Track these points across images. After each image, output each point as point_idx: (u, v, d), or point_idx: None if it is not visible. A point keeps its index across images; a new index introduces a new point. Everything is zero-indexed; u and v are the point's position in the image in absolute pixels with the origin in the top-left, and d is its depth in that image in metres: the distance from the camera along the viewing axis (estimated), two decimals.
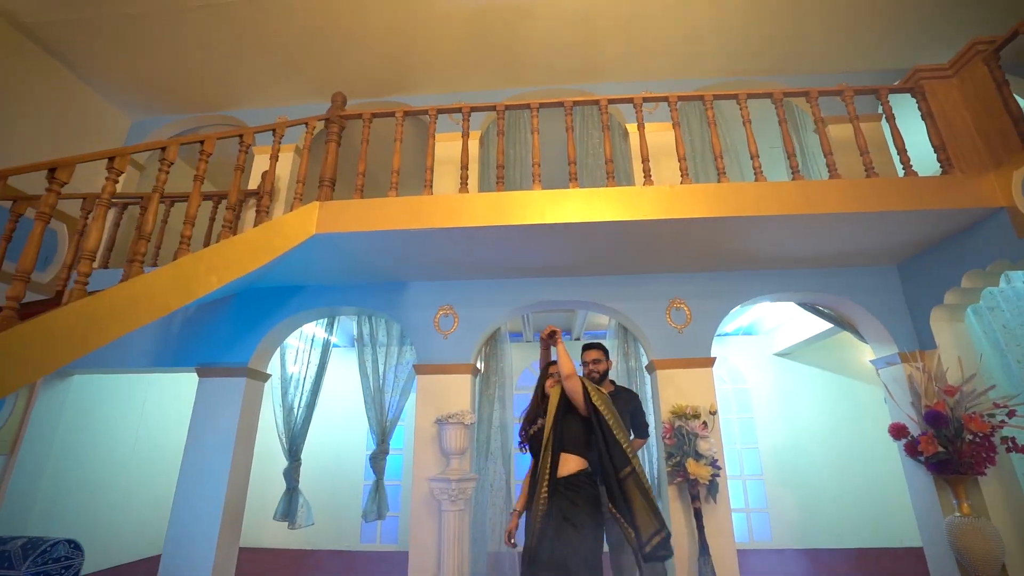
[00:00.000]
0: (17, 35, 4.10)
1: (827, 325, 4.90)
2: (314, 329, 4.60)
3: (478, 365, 4.21)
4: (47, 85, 4.38)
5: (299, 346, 4.53)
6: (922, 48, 4.38)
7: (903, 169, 3.27)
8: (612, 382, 3.37)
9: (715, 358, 3.79)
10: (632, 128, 4.47)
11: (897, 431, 3.44)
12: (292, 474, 4.07)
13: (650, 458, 3.85)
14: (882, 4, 3.97)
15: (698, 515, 3.30)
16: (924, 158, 3.82)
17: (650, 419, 3.91)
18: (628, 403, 3.26)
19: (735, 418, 6.05)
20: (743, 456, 5.90)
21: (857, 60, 4.59)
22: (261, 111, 5.14)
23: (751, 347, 6.28)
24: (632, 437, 3.18)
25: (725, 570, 3.26)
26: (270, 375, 4.31)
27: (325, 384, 4.49)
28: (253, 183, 4.41)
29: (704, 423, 3.42)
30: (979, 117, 3.21)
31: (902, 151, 3.29)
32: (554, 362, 2.80)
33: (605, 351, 3.21)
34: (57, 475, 4.27)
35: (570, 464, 2.43)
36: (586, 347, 3.24)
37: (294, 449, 4.13)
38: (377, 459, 4.05)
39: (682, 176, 3.28)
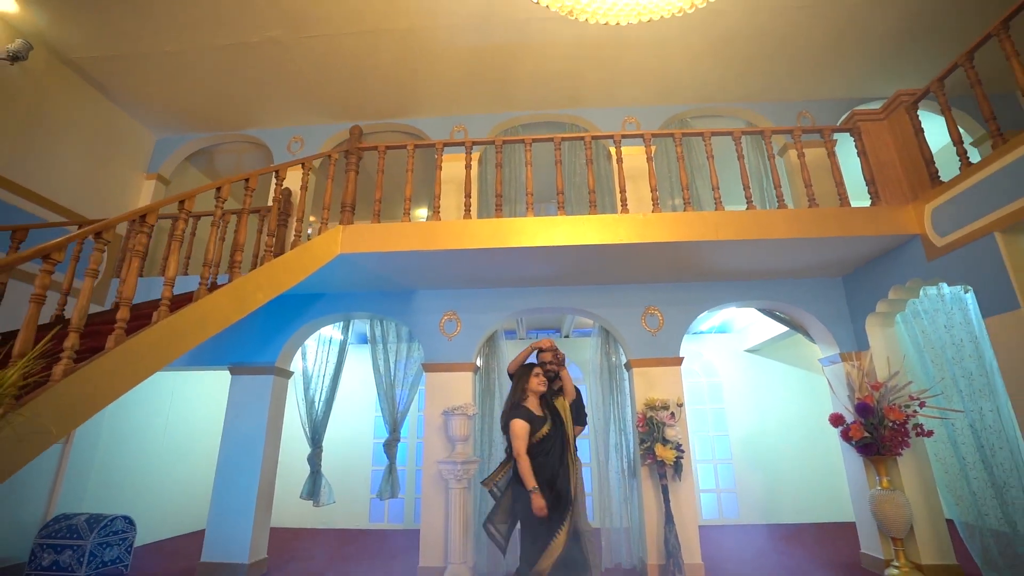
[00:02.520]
0: (63, 68, 4.57)
1: None
2: (331, 331, 5.14)
3: (478, 363, 4.77)
4: (84, 108, 4.84)
5: (316, 346, 5.07)
6: (872, 80, 4.97)
7: (840, 200, 3.86)
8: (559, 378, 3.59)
9: (683, 357, 4.39)
10: (614, 151, 5.02)
11: (835, 420, 4.07)
12: (315, 459, 4.64)
13: (627, 443, 4.45)
14: (834, 43, 4.50)
15: (665, 491, 3.92)
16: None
17: (626, 411, 4.52)
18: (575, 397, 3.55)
19: (708, 408, 6.69)
20: (715, 442, 6.55)
21: (814, 90, 5.15)
22: (278, 130, 5.63)
23: (724, 344, 6.91)
24: (575, 424, 3.47)
25: (687, 537, 3.89)
26: (293, 372, 4.86)
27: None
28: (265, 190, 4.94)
29: (672, 414, 4.03)
30: (903, 156, 3.81)
31: (839, 184, 3.88)
32: (533, 365, 3.14)
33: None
34: (105, 460, 4.80)
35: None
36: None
37: (316, 437, 4.69)
38: (390, 446, 4.63)
39: (654, 205, 3.85)
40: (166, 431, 5.71)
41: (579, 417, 3.73)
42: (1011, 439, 3.27)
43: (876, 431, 3.79)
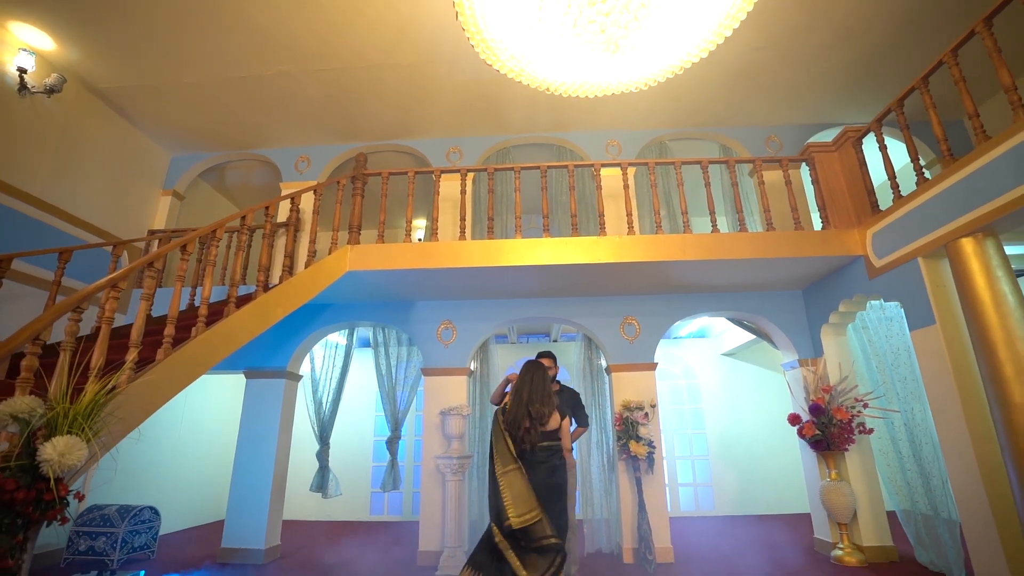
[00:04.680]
0: (91, 96, 4.97)
1: None
2: (337, 338, 5.57)
3: (472, 368, 5.22)
4: (108, 132, 5.23)
5: (324, 352, 5.50)
6: (834, 108, 5.44)
7: (795, 223, 4.34)
8: (558, 382, 4.03)
9: (657, 363, 4.86)
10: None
11: (792, 419, 4.55)
12: (323, 455, 5.08)
13: (607, 440, 4.92)
14: (795, 78, 4.95)
15: (639, 483, 4.38)
16: None
17: (607, 411, 4.98)
18: (571, 399, 3.99)
19: (687, 408, 7.17)
20: (693, 440, 7.03)
21: (782, 116, 5.62)
22: (286, 150, 6.04)
23: (702, 348, 7.39)
24: (576, 427, 3.92)
25: (658, 523, 4.35)
26: (302, 376, 5.29)
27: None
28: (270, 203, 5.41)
29: (645, 414, 4.49)
30: (850, 185, 4.29)
31: (794, 209, 4.36)
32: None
33: (554, 358, 3.90)
34: (129, 456, 5.22)
35: None
36: (539, 355, 3.85)
37: (324, 435, 5.13)
38: (392, 443, 5.07)
39: (628, 228, 4.31)
40: (181, 430, 6.12)
41: (579, 419, 4.01)
42: (933, 436, 3.75)
43: (826, 429, 4.27)
